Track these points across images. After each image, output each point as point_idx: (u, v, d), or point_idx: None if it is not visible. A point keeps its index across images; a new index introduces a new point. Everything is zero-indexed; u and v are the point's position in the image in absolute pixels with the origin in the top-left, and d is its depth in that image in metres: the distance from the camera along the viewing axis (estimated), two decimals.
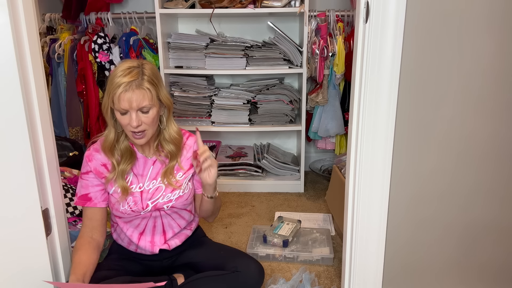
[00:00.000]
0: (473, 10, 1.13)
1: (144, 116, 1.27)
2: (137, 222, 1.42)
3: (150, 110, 1.27)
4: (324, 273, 1.77)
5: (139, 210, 1.37)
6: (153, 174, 1.40)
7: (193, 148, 1.45)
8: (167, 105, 1.34)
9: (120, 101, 1.24)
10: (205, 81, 2.56)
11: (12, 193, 1.24)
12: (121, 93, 1.23)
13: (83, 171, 1.37)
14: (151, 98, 1.26)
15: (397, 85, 1.18)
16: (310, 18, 2.37)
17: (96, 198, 1.37)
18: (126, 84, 1.23)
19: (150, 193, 1.38)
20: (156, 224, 1.43)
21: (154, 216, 1.42)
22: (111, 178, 1.35)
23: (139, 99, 1.23)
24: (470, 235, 1.33)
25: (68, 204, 1.77)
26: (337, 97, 2.52)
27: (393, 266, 1.37)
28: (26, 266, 1.31)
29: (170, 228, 1.45)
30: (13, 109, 1.18)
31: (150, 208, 1.38)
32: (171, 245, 1.45)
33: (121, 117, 1.27)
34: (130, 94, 1.23)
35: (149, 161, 1.40)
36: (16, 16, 1.15)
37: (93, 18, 2.51)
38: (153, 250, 1.43)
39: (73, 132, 2.58)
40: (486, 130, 1.23)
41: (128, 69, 1.25)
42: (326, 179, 2.72)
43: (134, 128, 1.26)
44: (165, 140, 1.38)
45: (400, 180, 1.27)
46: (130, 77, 1.23)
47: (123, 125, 1.29)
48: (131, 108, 1.24)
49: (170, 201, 1.40)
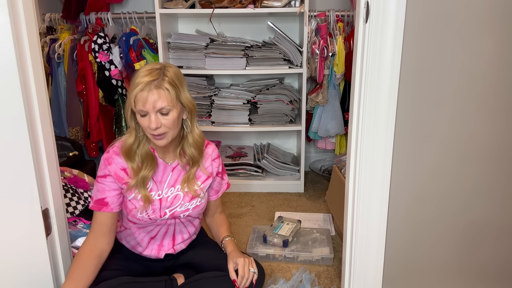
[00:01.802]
0: (473, 10, 1.13)
1: (164, 118, 1.23)
2: (151, 228, 1.41)
3: (170, 112, 1.23)
4: (324, 273, 1.77)
5: (156, 218, 1.36)
6: (172, 181, 1.37)
7: (211, 157, 1.44)
8: (190, 108, 1.30)
9: (137, 102, 1.21)
10: (205, 81, 2.56)
11: (12, 193, 1.24)
12: (138, 93, 1.20)
13: (100, 174, 1.32)
14: (171, 100, 1.22)
15: (397, 85, 1.18)
16: (310, 18, 2.37)
17: (113, 203, 1.32)
18: (144, 84, 1.20)
19: (169, 201, 1.36)
20: (168, 231, 1.43)
21: (168, 223, 1.42)
22: (133, 185, 1.30)
23: (156, 100, 1.20)
24: (470, 235, 1.33)
25: (68, 204, 1.77)
26: (337, 97, 2.52)
27: (393, 266, 1.37)
28: (26, 266, 1.31)
29: (180, 234, 1.46)
30: (13, 109, 1.18)
31: (168, 217, 1.37)
32: (177, 249, 1.46)
33: (141, 119, 1.24)
34: (146, 93, 1.20)
35: (169, 167, 1.37)
36: (16, 16, 1.15)
37: (93, 18, 2.51)
38: (159, 255, 1.44)
39: (73, 132, 2.58)
40: (486, 130, 1.23)
41: (150, 70, 1.23)
42: (326, 179, 2.72)
43: (153, 130, 1.23)
44: (188, 145, 1.35)
45: (400, 180, 1.27)
46: (150, 77, 1.21)
47: (143, 127, 1.25)
48: (148, 108, 1.21)
49: (187, 210, 1.39)
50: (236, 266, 1.36)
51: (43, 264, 1.31)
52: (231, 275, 1.34)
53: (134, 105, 1.22)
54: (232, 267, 1.36)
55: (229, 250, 1.43)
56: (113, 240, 1.37)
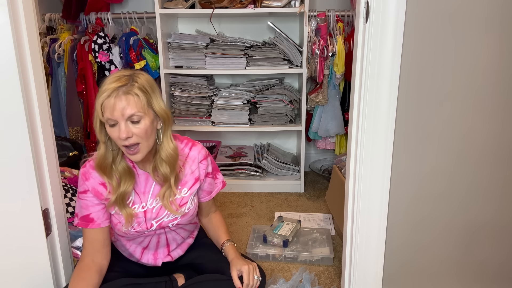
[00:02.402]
0: (472, 10, 1.13)
1: (135, 127, 1.13)
2: (141, 240, 1.37)
3: (142, 120, 1.14)
4: (324, 273, 1.77)
5: (143, 230, 1.30)
6: (156, 190, 1.30)
7: (198, 159, 1.34)
8: (163, 117, 1.20)
9: (104, 110, 1.12)
10: (205, 81, 2.56)
11: (12, 193, 1.24)
12: (105, 99, 1.11)
13: (80, 190, 1.26)
14: (141, 106, 1.13)
15: (397, 85, 1.18)
16: (310, 18, 2.37)
17: (99, 218, 1.26)
18: (111, 90, 1.11)
19: (154, 212, 1.30)
20: (160, 240, 1.39)
21: (158, 233, 1.36)
22: (113, 202, 1.24)
23: (125, 106, 1.11)
24: (469, 234, 1.33)
25: (68, 204, 1.77)
26: (337, 97, 2.52)
27: (393, 266, 1.37)
28: (26, 266, 1.31)
29: (174, 241, 1.43)
30: (13, 109, 1.18)
31: (155, 228, 1.32)
32: (174, 256, 1.44)
33: (111, 130, 1.14)
34: (114, 100, 1.10)
35: (151, 177, 1.29)
36: (16, 16, 1.15)
37: (93, 18, 2.51)
38: (156, 264, 1.42)
39: (73, 132, 2.58)
40: (486, 130, 1.23)
41: (118, 76, 1.15)
42: (326, 179, 2.72)
43: (124, 140, 1.13)
44: (160, 160, 1.24)
45: (400, 180, 1.27)
46: (118, 83, 1.12)
47: (114, 139, 1.16)
48: (117, 117, 1.11)
49: (176, 219, 1.33)
50: (240, 273, 1.32)
51: (43, 264, 1.31)
52: (235, 283, 1.30)
53: (102, 114, 1.13)
54: (236, 275, 1.31)
55: (231, 257, 1.39)
56: (109, 254, 1.31)
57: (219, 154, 2.77)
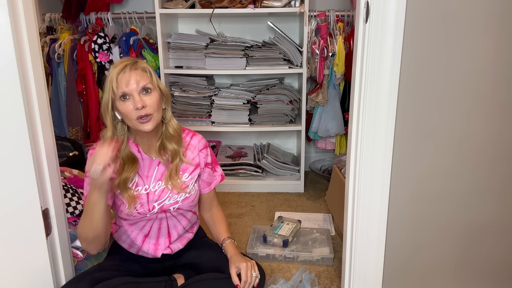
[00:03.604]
0: (472, 10, 1.13)
1: (148, 98, 1.24)
2: (142, 224, 1.40)
3: (153, 92, 1.26)
4: (324, 273, 1.77)
5: (145, 212, 1.35)
6: (158, 175, 1.37)
7: (198, 148, 1.43)
8: (167, 96, 1.33)
9: (119, 84, 1.22)
10: (205, 81, 2.56)
11: (12, 193, 1.24)
12: (119, 74, 1.22)
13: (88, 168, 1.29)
14: (151, 80, 1.26)
15: (397, 85, 1.18)
16: (310, 18, 2.37)
17: None
18: (123, 66, 1.24)
19: (157, 194, 1.36)
20: (161, 226, 1.42)
21: (160, 218, 1.40)
22: (116, 185, 1.30)
23: (139, 79, 1.24)
24: (469, 234, 1.33)
25: (68, 204, 1.77)
26: (337, 97, 2.52)
27: (393, 265, 1.37)
28: (26, 266, 1.31)
29: (175, 230, 1.45)
30: (13, 109, 1.18)
31: (157, 210, 1.36)
32: (174, 249, 1.45)
33: (124, 104, 1.23)
34: (128, 73, 1.23)
35: (154, 161, 1.37)
36: (16, 16, 1.15)
37: (93, 18, 2.51)
38: (156, 254, 1.43)
39: (73, 132, 2.59)
40: (486, 130, 1.23)
41: (123, 60, 1.28)
42: (326, 179, 2.72)
43: (140, 109, 1.22)
44: (168, 138, 1.35)
45: (399, 180, 1.28)
46: (126, 62, 1.25)
47: (127, 112, 1.24)
48: (132, 89, 1.22)
49: (177, 202, 1.38)
50: (239, 270, 1.35)
51: (43, 264, 1.31)
52: (234, 280, 1.33)
53: (116, 89, 1.22)
54: (235, 272, 1.34)
55: (230, 254, 1.42)
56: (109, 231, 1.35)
57: (219, 154, 2.77)
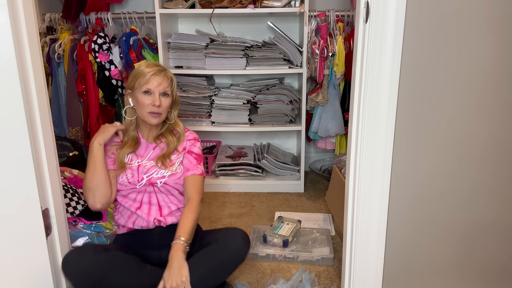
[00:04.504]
0: (473, 10, 1.13)
1: (163, 100, 1.49)
2: (134, 196, 1.52)
3: (168, 98, 1.51)
4: (324, 273, 1.77)
5: (135, 183, 1.50)
6: (152, 156, 1.56)
7: (188, 138, 1.62)
8: (177, 103, 1.60)
9: (149, 82, 1.46)
10: (205, 81, 2.56)
11: (12, 193, 1.24)
12: (152, 75, 1.46)
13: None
14: (171, 88, 1.52)
15: (397, 85, 1.18)
16: (310, 18, 2.37)
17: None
18: (156, 70, 1.48)
19: (146, 168, 1.52)
20: (151, 200, 1.53)
21: (148, 191, 1.52)
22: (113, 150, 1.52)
23: (165, 84, 1.49)
24: (470, 235, 1.33)
25: (68, 204, 1.77)
26: (337, 97, 2.52)
27: (393, 266, 1.37)
28: (26, 266, 1.31)
29: (165, 204, 1.54)
30: (13, 109, 1.18)
31: (145, 182, 1.50)
32: (167, 221, 1.51)
33: (144, 96, 1.47)
34: (160, 77, 1.48)
35: (150, 146, 1.58)
36: (16, 16, 1.15)
37: (93, 18, 2.51)
38: (148, 225, 1.49)
39: (73, 132, 2.58)
40: (486, 130, 1.23)
41: (153, 64, 1.53)
42: (326, 179, 2.72)
43: (156, 107, 1.46)
44: (172, 134, 1.58)
45: (400, 180, 1.27)
46: (158, 68, 1.50)
47: (145, 104, 1.46)
48: (157, 89, 1.46)
49: (163, 177, 1.52)
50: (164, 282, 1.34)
51: (43, 264, 1.31)
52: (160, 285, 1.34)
53: (145, 84, 1.46)
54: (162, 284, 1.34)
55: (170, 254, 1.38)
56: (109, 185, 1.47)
57: (219, 154, 2.77)
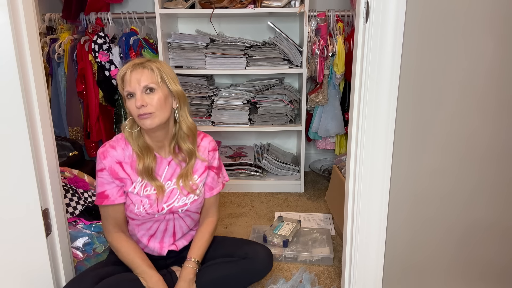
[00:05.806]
0: (473, 10, 1.13)
1: (149, 97, 1.26)
2: (149, 225, 1.40)
3: (155, 91, 1.27)
4: (324, 273, 1.77)
5: (153, 213, 1.36)
6: (168, 175, 1.39)
7: (207, 149, 1.45)
8: (179, 95, 1.33)
9: (128, 81, 1.26)
10: (205, 81, 2.56)
11: (12, 193, 1.24)
12: (130, 73, 1.26)
13: (98, 168, 1.35)
14: (155, 79, 1.27)
15: (397, 85, 1.18)
16: (310, 18, 2.37)
17: (113, 195, 1.35)
18: (130, 66, 1.27)
19: (166, 195, 1.36)
20: (167, 227, 1.43)
21: (167, 219, 1.41)
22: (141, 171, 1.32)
23: (139, 78, 1.25)
24: (471, 235, 1.33)
25: (68, 204, 1.77)
26: (337, 97, 2.52)
27: (393, 266, 1.37)
28: (26, 266, 1.31)
29: (180, 230, 1.46)
30: (13, 109, 1.18)
31: (166, 211, 1.37)
32: (179, 245, 1.46)
33: (129, 102, 1.28)
34: (139, 72, 1.26)
35: (164, 160, 1.38)
36: (16, 16, 1.15)
37: (93, 18, 2.51)
38: (161, 252, 1.44)
39: (73, 132, 2.58)
40: (487, 130, 1.23)
41: (138, 58, 1.32)
42: (326, 179, 2.72)
43: (139, 108, 1.25)
44: (183, 139, 1.37)
45: (400, 180, 1.27)
46: (136, 61, 1.29)
47: (132, 111, 1.28)
48: (134, 88, 1.25)
49: (185, 204, 1.39)
50: None
51: (43, 264, 1.31)
52: None
53: (122, 89, 1.29)
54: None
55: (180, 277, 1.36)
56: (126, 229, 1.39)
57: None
